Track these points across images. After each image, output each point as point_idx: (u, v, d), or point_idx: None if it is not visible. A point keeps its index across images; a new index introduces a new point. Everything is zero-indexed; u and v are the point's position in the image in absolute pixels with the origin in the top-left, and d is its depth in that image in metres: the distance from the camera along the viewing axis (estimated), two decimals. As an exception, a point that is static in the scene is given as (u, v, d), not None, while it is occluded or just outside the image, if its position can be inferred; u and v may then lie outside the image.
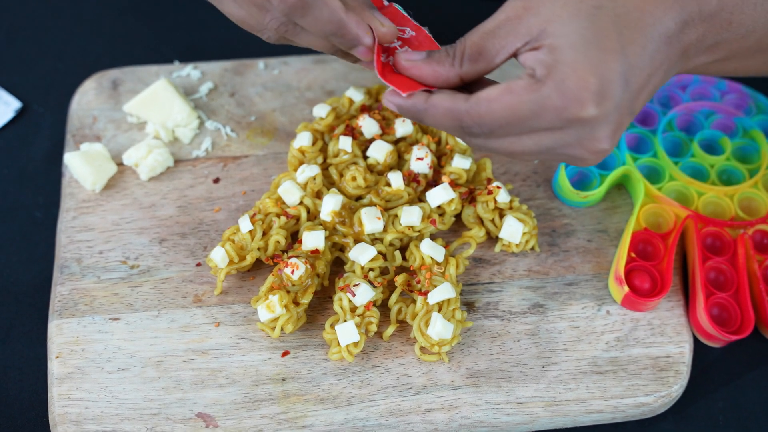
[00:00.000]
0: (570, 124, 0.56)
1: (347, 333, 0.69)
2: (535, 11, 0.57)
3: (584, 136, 0.57)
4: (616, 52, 0.55)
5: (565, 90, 0.55)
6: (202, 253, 0.76)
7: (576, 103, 0.55)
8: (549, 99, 0.55)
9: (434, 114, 0.59)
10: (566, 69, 0.55)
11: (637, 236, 0.76)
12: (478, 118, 0.57)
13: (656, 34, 0.57)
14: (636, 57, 0.56)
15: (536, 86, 0.55)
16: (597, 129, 0.57)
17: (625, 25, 0.56)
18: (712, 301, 0.73)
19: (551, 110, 0.55)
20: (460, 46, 0.60)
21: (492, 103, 0.56)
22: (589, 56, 0.55)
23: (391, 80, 0.62)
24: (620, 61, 0.55)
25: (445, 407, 0.69)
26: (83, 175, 0.79)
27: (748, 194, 0.79)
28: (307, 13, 0.61)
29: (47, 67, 0.93)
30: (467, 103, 0.58)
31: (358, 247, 0.73)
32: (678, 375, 0.71)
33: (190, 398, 0.69)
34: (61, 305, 0.73)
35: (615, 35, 0.56)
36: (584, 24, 0.56)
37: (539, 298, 0.74)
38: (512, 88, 0.56)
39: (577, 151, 0.58)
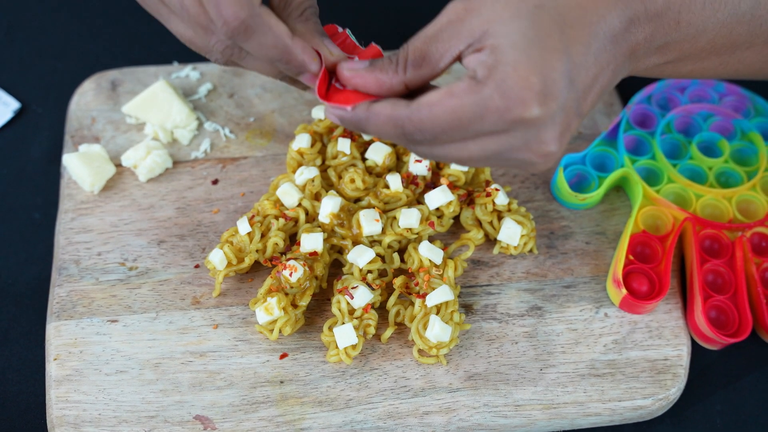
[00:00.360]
0: (514, 126, 0.55)
1: (345, 335, 0.69)
2: (476, 12, 0.56)
3: (530, 139, 0.56)
4: (559, 51, 0.54)
5: (506, 90, 0.53)
6: (200, 255, 0.76)
7: (518, 103, 0.53)
8: (491, 100, 0.54)
9: (376, 122, 0.58)
10: (507, 69, 0.53)
11: (636, 238, 0.76)
12: (420, 123, 0.56)
13: (600, 33, 0.57)
14: (580, 56, 0.55)
15: (477, 87, 0.54)
16: (543, 130, 0.55)
17: (568, 23, 0.55)
18: (710, 304, 0.73)
19: (494, 111, 0.54)
20: (403, 52, 0.59)
21: (433, 108, 0.55)
22: (531, 55, 0.54)
23: (337, 99, 0.60)
24: (564, 60, 0.54)
25: (443, 410, 0.69)
26: (82, 176, 0.79)
27: (747, 197, 0.79)
28: (250, 38, 0.59)
29: (46, 67, 0.93)
30: (408, 109, 0.56)
31: (356, 250, 0.73)
32: (676, 378, 0.71)
33: (188, 400, 0.69)
34: (59, 307, 0.73)
35: (557, 34, 0.55)
36: (526, 23, 0.55)
37: (537, 300, 0.74)
38: (453, 91, 0.55)
39: (525, 155, 0.57)
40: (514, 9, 0.55)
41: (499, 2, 0.56)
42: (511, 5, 0.55)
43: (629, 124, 0.82)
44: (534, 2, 0.56)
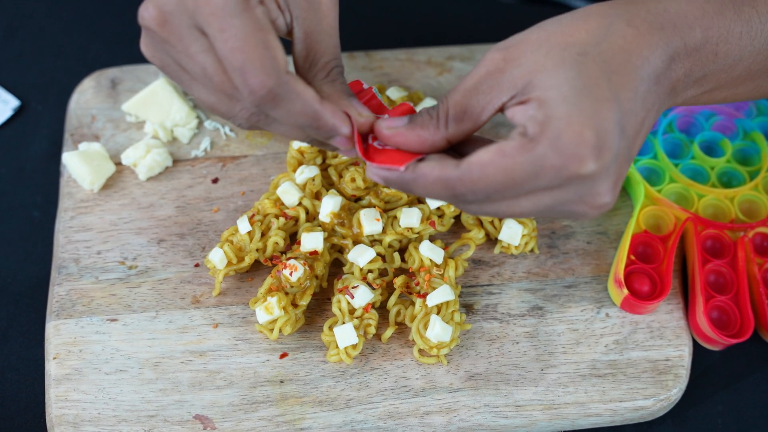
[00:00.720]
0: (569, 182, 0.53)
1: (346, 335, 0.69)
2: (517, 63, 0.55)
3: (585, 192, 0.54)
4: (609, 100, 0.53)
5: (561, 147, 0.52)
6: (200, 254, 0.76)
7: (575, 160, 0.52)
8: (546, 158, 0.52)
9: (424, 184, 0.56)
10: (560, 124, 0.52)
11: (637, 238, 0.76)
12: (471, 184, 0.54)
13: (645, 75, 0.55)
14: (629, 102, 0.54)
15: (530, 146, 0.52)
16: (598, 183, 0.54)
17: (614, 69, 0.54)
18: (712, 305, 0.73)
19: (549, 169, 0.52)
20: (443, 107, 0.57)
21: (485, 168, 0.53)
22: (583, 108, 0.52)
23: (380, 160, 0.58)
24: (614, 109, 0.53)
25: (443, 410, 0.68)
26: (81, 174, 0.79)
27: (749, 197, 0.78)
28: (278, 105, 0.58)
29: (46, 65, 0.92)
30: (458, 169, 0.54)
31: (356, 249, 0.73)
32: (677, 378, 0.70)
33: (188, 400, 0.68)
34: (58, 306, 0.73)
35: (605, 82, 0.53)
36: (571, 73, 0.53)
37: (538, 300, 0.74)
38: (505, 150, 0.53)
39: (579, 207, 0.56)
40: (558, 58, 0.54)
41: (540, 51, 0.54)
42: (553, 54, 0.54)
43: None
44: (577, 49, 0.54)
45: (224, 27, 0.55)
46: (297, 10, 0.61)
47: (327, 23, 0.63)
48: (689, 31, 0.58)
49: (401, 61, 0.89)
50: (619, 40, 0.55)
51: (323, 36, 0.62)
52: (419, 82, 0.87)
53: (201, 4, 0.56)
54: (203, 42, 0.57)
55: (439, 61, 0.89)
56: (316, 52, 0.62)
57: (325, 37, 0.62)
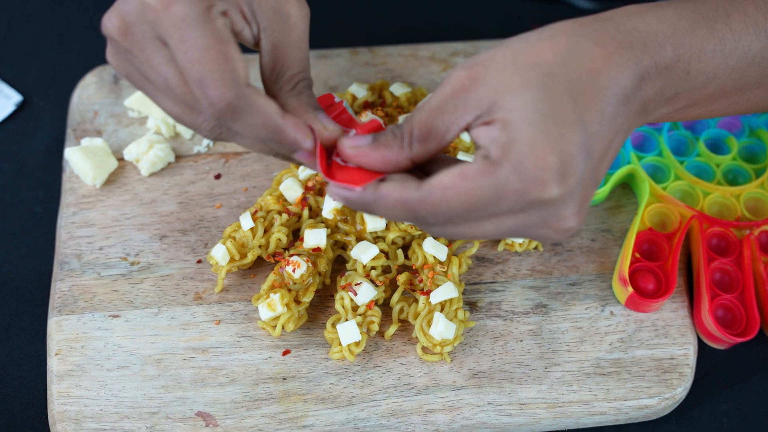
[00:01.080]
0: (532, 206, 0.52)
1: (349, 332, 0.69)
2: (482, 82, 0.53)
3: (549, 216, 0.53)
4: (574, 122, 0.52)
5: (523, 171, 0.51)
6: (202, 250, 0.76)
7: (537, 185, 0.51)
8: (507, 182, 0.51)
9: (384, 206, 0.55)
10: (523, 148, 0.51)
11: (642, 236, 0.75)
12: (432, 207, 0.53)
13: (613, 96, 0.54)
14: (595, 125, 0.53)
15: (492, 169, 0.51)
16: (561, 208, 0.53)
17: (580, 90, 0.53)
18: (717, 303, 0.73)
19: (511, 194, 0.51)
20: (407, 126, 0.56)
21: (446, 191, 0.52)
22: (546, 131, 0.51)
23: (341, 177, 0.57)
24: (579, 132, 0.52)
25: (446, 408, 0.68)
26: (84, 170, 0.78)
27: (754, 194, 0.78)
28: (238, 118, 0.57)
29: (48, 60, 0.92)
30: (419, 192, 0.53)
31: (360, 246, 0.72)
32: (682, 377, 0.70)
33: (190, 397, 0.68)
34: (60, 302, 0.73)
35: (571, 104, 0.52)
36: (537, 95, 0.52)
37: (542, 298, 0.74)
38: (466, 173, 0.52)
39: (542, 231, 0.55)
40: (523, 78, 0.52)
41: (506, 70, 0.53)
42: (518, 74, 0.53)
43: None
44: (543, 70, 0.53)
45: (184, 38, 0.55)
46: (264, 21, 0.60)
47: (295, 35, 0.62)
48: (660, 49, 0.56)
49: (405, 57, 0.88)
50: (587, 61, 0.54)
51: (291, 48, 0.61)
52: (423, 78, 0.87)
53: (162, 15, 0.55)
54: (165, 53, 0.56)
55: (442, 57, 0.88)
56: (283, 65, 0.61)
57: (293, 50, 0.61)
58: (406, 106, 0.81)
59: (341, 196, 0.57)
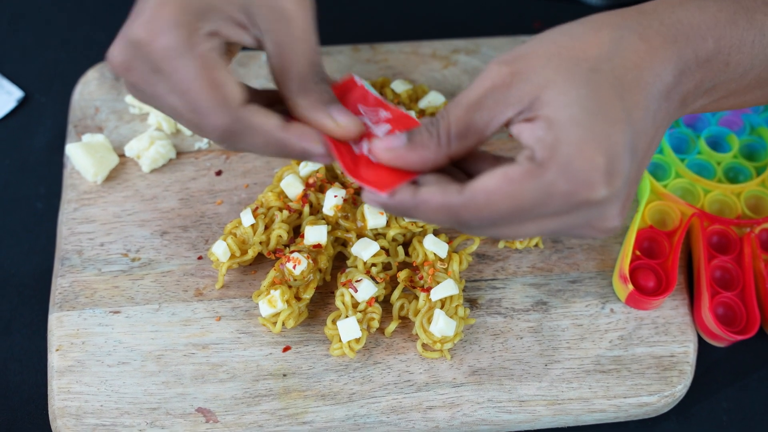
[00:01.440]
0: (579, 207, 0.52)
1: (349, 329, 0.69)
2: (524, 77, 0.52)
3: (593, 217, 0.53)
4: (621, 121, 0.51)
5: (572, 174, 0.50)
6: (203, 247, 0.76)
7: (586, 187, 0.50)
8: (555, 185, 0.50)
9: (425, 210, 0.54)
10: (571, 149, 0.50)
11: (642, 234, 0.75)
12: (477, 212, 0.52)
13: (656, 92, 0.54)
14: (640, 122, 0.52)
15: (539, 171, 0.50)
16: (608, 208, 0.53)
17: (626, 87, 0.52)
18: (717, 301, 0.73)
19: (558, 196, 0.51)
20: (444, 123, 0.55)
21: (491, 196, 0.51)
22: (594, 131, 0.50)
23: (367, 176, 0.56)
24: (626, 131, 0.51)
25: (446, 405, 0.68)
26: (85, 166, 0.78)
27: (755, 192, 0.78)
28: (240, 140, 0.57)
29: (50, 56, 0.92)
30: (462, 196, 0.52)
31: (360, 243, 0.72)
32: (682, 375, 0.70)
33: (191, 393, 0.68)
34: (61, 297, 0.73)
35: (618, 101, 0.51)
36: (583, 92, 0.51)
37: (543, 295, 0.74)
38: (512, 177, 0.51)
39: (586, 231, 0.55)
40: (569, 74, 0.52)
41: (550, 65, 0.52)
42: (563, 69, 0.52)
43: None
44: (589, 65, 0.52)
45: (173, 69, 0.55)
46: (264, 22, 0.59)
47: (297, 29, 0.59)
48: (702, 42, 0.56)
49: (406, 54, 0.88)
50: (632, 56, 0.53)
51: (295, 44, 0.59)
52: (424, 75, 0.87)
53: (151, 50, 0.56)
54: (165, 83, 0.57)
55: (444, 54, 0.88)
56: (289, 62, 0.60)
57: (297, 45, 0.59)
58: (407, 103, 0.81)
59: (378, 202, 0.55)
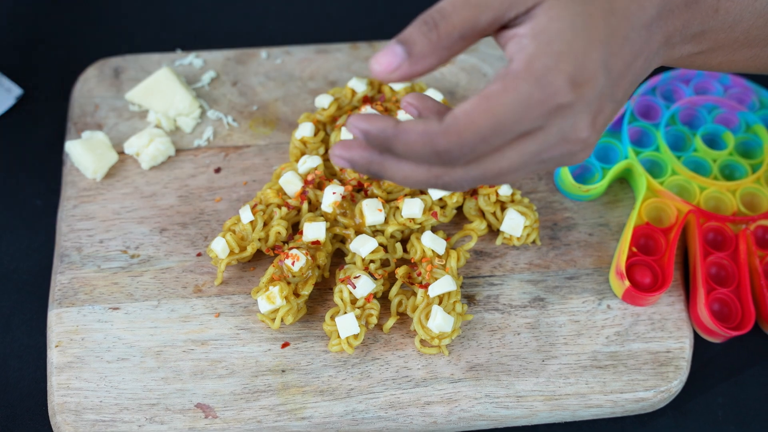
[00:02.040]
0: (550, 116, 0.52)
1: (347, 325, 0.69)
2: None
3: (565, 128, 0.53)
4: (599, 41, 0.52)
5: (544, 83, 0.50)
6: (202, 243, 0.76)
7: (553, 93, 0.51)
8: (530, 95, 0.50)
9: (406, 141, 0.52)
10: (548, 61, 0.51)
11: (639, 230, 0.76)
12: (457, 136, 0.51)
13: (637, 22, 0.55)
14: (617, 45, 0.53)
15: (515, 83, 0.51)
16: (577, 117, 0.53)
17: (613, 12, 0.53)
18: (713, 297, 0.73)
19: (534, 106, 0.51)
20: (446, 25, 0.53)
21: (469, 115, 0.50)
22: (573, 46, 0.51)
23: None
24: (600, 50, 0.52)
25: (444, 400, 0.69)
26: (84, 163, 0.79)
27: (751, 189, 0.78)
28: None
29: (49, 54, 0.92)
30: (442, 123, 0.51)
31: (359, 239, 0.73)
32: (678, 370, 0.71)
33: (190, 389, 0.69)
34: (61, 294, 0.73)
35: (602, 23, 0.53)
36: (578, 9, 0.52)
37: (540, 291, 0.74)
38: (488, 94, 0.50)
39: (562, 148, 0.54)
40: None
41: None
42: None
43: (633, 116, 0.82)
44: None
45: None
46: None
47: None
48: None
49: (404, 52, 0.89)
50: None
51: None
52: (422, 73, 0.87)
53: None
54: None
55: (442, 52, 0.88)
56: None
57: None
58: (405, 101, 0.82)
59: (359, 128, 0.53)
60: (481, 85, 0.86)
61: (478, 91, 0.85)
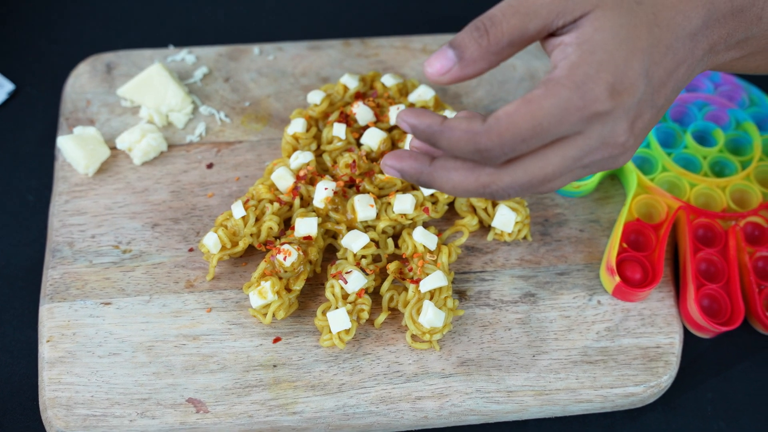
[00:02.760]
0: (590, 122, 0.53)
1: (339, 320, 0.69)
2: None
3: (605, 134, 0.54)
4: (642, 51, 0.54)
5: (584, 90, 0.52)
6: (194, 239, 0.76)
7: (592, 100, 0.53)
8: (570, 101, 0.52)
9: (450, 137, 0.54)
10: (590, 69, 0.52)
11: (629, 227, 0.76)
12: (498, 136, 0.53)
13: (682, 32, 0.56)
14: (659, 55, 0.55)
15: (556, 89, 0.52)
16: (616, 122, 0.54)
17: (657, 23, 0.55)
18: (703, 293, 0.73)
19: (573, 111, 0.52)
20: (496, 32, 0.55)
21: (511, 117, 0.52)
22: (615, 56, 0.53)
23: None
24: (643, 60, 0.54)
25: (435, 395, 0.69)
26: (76, 158, 0.79)
27: (740, 186, 0.79)
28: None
29: (41, 49, 0.92)
30: (485, 123, 0.53)
31: (350, 235, 0.73)
32: (667, 365, 0.71)
33: (181, 383, 0.69)
34: (52, 289, 0.73)
35: (646, 34, 0.54)
36: (623, 21, 0.54)
37: (531, 287, 0.75)
38: (530, 98, 0.53)
39: (603, 153, 0.56)
40: (618, 0, 0.54)
41: None
42: None
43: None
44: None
45: None
46: None
47: None
48: None
49: (396, 49, 0.89)
50: None
51: None
52: (414, 69, 0.87)
53: None
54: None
55: (434, 48, 0.89)
56: None
57: None
58: (397, 97, 0.82)
59: (408, 122, 0.56)
60: (471, 89, 0.86)
61: (469, 89, 0.85)
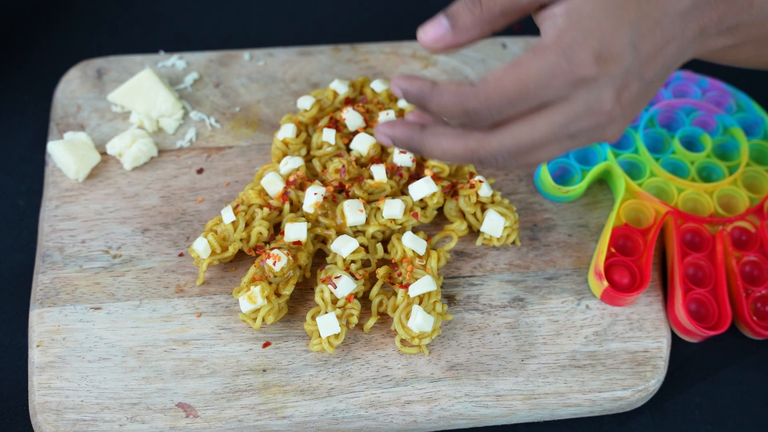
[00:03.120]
0: (575, 88, 0.55)
1: (328, 325, 0.69)
2: None
3: (591, 101, 0.56)
4: (630, 22, 0.55)
5: (570, 55, 0.54)
6: (184, 244, 0.76)
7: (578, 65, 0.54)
8: (556, 65, 0.54)
9: (439, 99, 0.56)
10: (576, 35, 0.54)
11: (618, 231, 0.76)
12: (486, 98, 0.54)
13: (672, 10, 0.57)
14: (646, 28, 0.56)
15: (543, 53, 0.54)
16: (602, 90, 0.56)
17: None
18: (690, 297, 0.74)
19: (559, 76, 0.54)
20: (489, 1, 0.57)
21: (499, 80, 0.54)
22: (602, 24, 0.54)
23: None
24: (630, 30, 0.55)
25: (424, 399, 0.69)
26: (66, 163, 0.79)
27: (728, 191, 0.79)
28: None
29: (32, 55, 0.92)
30: (474, 86, 0.55)
31: (340, 239, 0.73)
32: (655, 369, 0.71)
33: (171, 388, 0.69)
34: (42, 294, 0.73)
35: (635, 7, 0.56)
36: None
37: (519, 291, 0.75)
38: (517, 61, 0.54)
39: (589, 120, 0.57)
40: None
41: None
42: None
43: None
44: None
45: None
46: None
47: None
48: None
49: (386, 55, 0.89)
50: None
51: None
52: (404, 75, 0.88)
53: None
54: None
55: (423, 54, 0.89)
56: None
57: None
58: (386, 103, 0.82)
59: (400, 87, 0.57)
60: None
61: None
